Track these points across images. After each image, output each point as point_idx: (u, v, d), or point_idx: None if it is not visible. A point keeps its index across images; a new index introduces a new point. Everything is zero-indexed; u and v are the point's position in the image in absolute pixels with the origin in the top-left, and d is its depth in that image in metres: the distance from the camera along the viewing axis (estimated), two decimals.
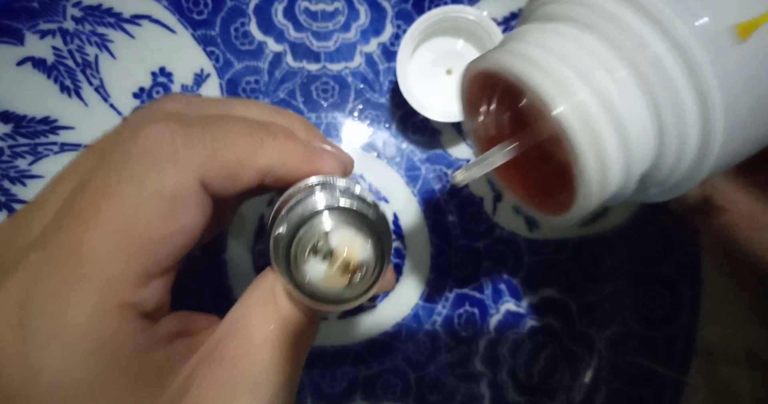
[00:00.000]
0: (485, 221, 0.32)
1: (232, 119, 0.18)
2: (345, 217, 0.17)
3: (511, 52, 0.14)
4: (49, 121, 0.29)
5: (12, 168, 0.29)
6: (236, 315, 0.18)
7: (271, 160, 0.17)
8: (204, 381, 0.16)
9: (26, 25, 0.28)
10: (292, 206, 0.17)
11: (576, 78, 0.13)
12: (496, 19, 0.31)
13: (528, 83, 0.13)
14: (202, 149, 0.16)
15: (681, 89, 0.13)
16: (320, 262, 0.16)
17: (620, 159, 0.14)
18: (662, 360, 0.30)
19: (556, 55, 0.14)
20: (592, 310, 0.31)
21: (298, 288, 0.17)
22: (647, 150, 0.14)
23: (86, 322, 0.14)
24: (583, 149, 0.13)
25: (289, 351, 0.18)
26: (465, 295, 0.32)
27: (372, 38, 0.32)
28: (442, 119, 0.29)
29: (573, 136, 0.13)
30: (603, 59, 0.13)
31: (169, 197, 0.15)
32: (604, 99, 0.13)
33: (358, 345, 0.31)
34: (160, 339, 0.16)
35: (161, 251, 0.15)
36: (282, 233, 0.17)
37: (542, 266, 0.32)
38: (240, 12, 0.31)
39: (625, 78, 0.13)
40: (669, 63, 0.13)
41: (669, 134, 0.14)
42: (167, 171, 0.15)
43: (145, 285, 0.15)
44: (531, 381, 0.31)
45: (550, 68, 0.13)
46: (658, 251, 0.31)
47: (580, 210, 0.15)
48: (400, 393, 0.31)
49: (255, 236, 0.31)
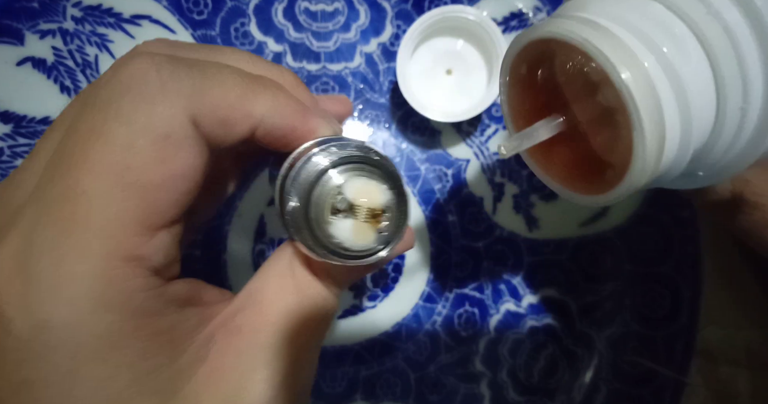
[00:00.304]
0: (485, 221, 0.32)
1: (222, 64, 0.17)
2: (352, 168, 0.16)
3: (575, 19, 0.14)
4: (49, 121, 0.29)
5: (12, 168, 0.29)
6: (254, 287, 0.18)
7: (264, 108, 0.16)
8: (221, 351, 0.16)
9: (26, 25, 0.28)
10: (295, 176, 0.16)
11: (642, 45, 0.13)
12: (496, 19, 0.31)
13: (593, 50, 0.13)
14: (190, 84, 0.15)
15: (750, 61, 0.13)
16: (344, 219, 0.16)
17: (679, 131, 0.13)
18: (662, 360, 0.30)
19: (621, 22, 0.13)
20: (592, 310, 0.31)
21: (330, 254, 0.16)
22: (707, 123, 0.14)
23: (90, 272, 0.14)
24: (645, 118, 0.13)
25: (308, 326, 0.18)
26: (465, 295, 0.32)
27: (372, 38, 0.32)
28: (442, 119, 0.29)
29: (636, 103, 0.13)
30: (669, 27, 0.13)
31: (162, 134, 0.14)
32: (669, 68, 0.13)
33: (358, 345, 0.31)
34: (170, 302, 0.16)
35: (161, 197, 0.15)
36: (294, 205, 0.16)
37: (542, 266, 0.32)
38: (240, 12, 0.31)
39: (691, 47, 0.13)
40: (740, 33, 0.13)
41: (731, 107, 0.14)
42: (155, 106, 0.14)
43: (150, 236, 0.15)
44: (531, 381, 0.31)
45: (616, 35, 0.13)
46: (658, 251, 0.31)
47: (630, 186, 0.14)
48: (400, 393, 0.31)
49: (255, 236, 0.31)
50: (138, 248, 0.14)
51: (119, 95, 0.14)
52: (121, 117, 0.14)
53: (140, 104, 0.14)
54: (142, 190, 0.14)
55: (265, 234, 0.31)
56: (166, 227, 0.15)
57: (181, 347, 0.16)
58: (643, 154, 0.13)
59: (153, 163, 0.14)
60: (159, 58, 0.15)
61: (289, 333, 0.17)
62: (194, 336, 0.16)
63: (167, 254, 0.15)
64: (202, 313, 0.17)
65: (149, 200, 0.14)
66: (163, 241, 0.15)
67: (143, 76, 0.14)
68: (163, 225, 0.15)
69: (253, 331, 0.17)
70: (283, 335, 0.17)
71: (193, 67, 0.15)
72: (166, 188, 0.15)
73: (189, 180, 0.15)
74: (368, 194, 0.16)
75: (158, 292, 0.15)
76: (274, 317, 0.17)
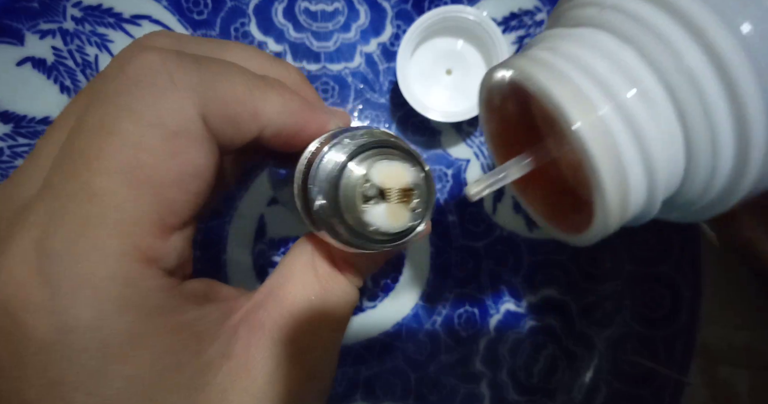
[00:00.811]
0: (485, 221, 0.32)
1: (228, 61, 0.17)
2: (371, 154, 0.16)
3: (532, 59, 0.13)
4: (49, 121, 0.29)
5: (12, 168, 0.29)
6: (275, 283, 0.18)
7: (272, 107, 0.16)
8: (246, 346, 0.16)
9: (26, 25, 0.28)
10: (315, 174, 0.16)
11: (598, 91, 0.12)
12: (496, 19, 0.31)
13: (546, 95, 0.12)
14: (198, 79, 0.15)
15: (716, 108, 0.12)
16: (376, 205, 0.16)
17: (643, 182, 0.12)
18: (662, 360, 0.30)
19: (579, 65, 0.12)
20: (592, 310, 0.31)
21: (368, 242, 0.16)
22: (674, 173, 0.13)
23: (109, 273, 0.14)
24: (602, 169, 0.12)
25: (331, 320, 0.18)
26: (465, 295, 0.32)
27: (372, 38, 0.32)
28: (442, 119, 0.29)
29: (591, 155, 0.12)
30: (630, 71, 0.12)
31: (172, 130, 0.14)
32: (628, 116, 0.12)
33: (358, 345, 0.31)
34: (188, 299, 0.15)
35: (173, 196, 0.14)
36: (322, 203, 0.16)
37: (542, 266, 0.32)
38: (240, 12, 0.31)
39: (653, 92, 0.12)
40: (704, 77, 0.11)
41: (699, 156, 0.12)
42: (165, 100, 0.14)
43: (164, 238, 0.15)
44: (531, 381, 0.31)
45: (571, 79, 0.12)
46: (658, 251, 0.31)
47: (598, 233, 0.13)
48: (400, 394, 0.31)
49: (255, 236, 0.31)
50: (153, 249, 0.14)
51: (128, 90, 0.14)
52: (131, 112, 0.14)
53: (150, 99, 0.14)
54: (154, 188, 0.14)
55: (265, 234, 0.31)
56: (179, 228, 0.15)
57: (205, 342, 0.15)
58: (603, 204, 0.12)
59: (164, 159, 0.14)
60: (166, 52, 0.15)
61: (312, 328, 0.17)
62: (217, 332, 0.16)
63: (181, 255, 0.15)
64: (222, 308, 0.17)
65: (162, 198, 0.14)
66: (177, 242, 0.15)
67: (152, 71, 0.14)
68: (177, 227, 0.15)
69: (278, 327, 0.17)
70: (306, 331, 0.17)
71: (200, 63, 0.15)
72: (178, 187, 0.15)
73: (200, 180, 0.15)
74: (395, 175, 0.15)
75: (176, 291, 0.15)
76: (298, 313, 0.17)
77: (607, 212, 0.12)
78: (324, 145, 0.16)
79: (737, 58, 0.11)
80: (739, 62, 0.11)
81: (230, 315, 0.17)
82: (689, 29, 0.11)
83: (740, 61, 0.11)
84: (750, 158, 0.12)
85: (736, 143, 0.12)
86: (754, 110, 0.11)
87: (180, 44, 0.17)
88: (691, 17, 0.11)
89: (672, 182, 0.13)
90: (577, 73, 0.12)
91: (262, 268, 0.31)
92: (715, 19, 0.11)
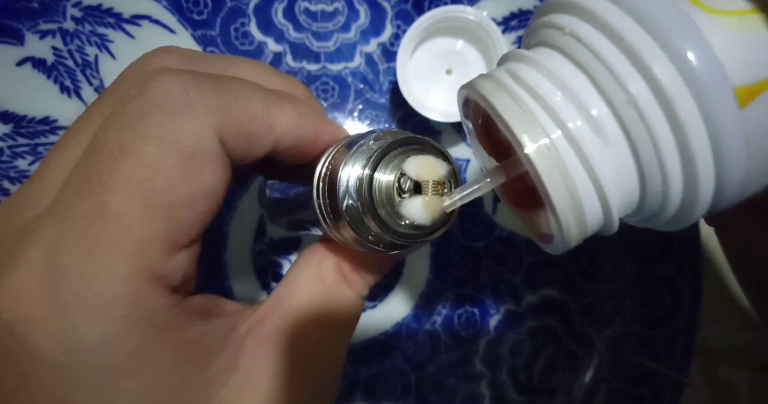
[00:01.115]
0: (485, 221, 0.32)
1: (242, 79, 0.17)
2: (402, 150, 0.16)
3: (494, 82, 0.14)
4: (49, 121, 0.29)
5: (12, 168, 0.29)
6: (282, 294, 0.18)
7: (287, 121, 0.17)
8: (253, 358, 0.16)
9: (26, 25, 0.28)
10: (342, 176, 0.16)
11: (549, 118, 0.13)
12: (496, 19, 0.31)
13: (501, 119, 0.13)
14: (215, 101, 0.15)
15: (661, 135, 0.12)
16: (411, 199, 0.16)
17: (595, 203, 0.13)
18: (662, 360, 0.30)
19: (534, 91, 0.13)
20: (592, 310, 0.31)
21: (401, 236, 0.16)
22: (630, 193, 0.13)
23: (117, 292, 0.14)
24: (552, 191, 0.12)
25: (338, 331, 0.18)
26: (465, 295, 0.32)
27: (372, 38, 0.32)
28: (442, 119, 0.29)
29: (541, 177, 0.12)
30: (581, 99, 0.13)
31: (189, 153, 0.14)
32: (576, 142, 0.12)
33: (358, 345, 0.31)
34: (192, 315, 0.16)
35: (184, 216, 0.15)
36: (351, 203, 0.16)
37: (542, 266, 0.32)
38: (240, 12, 0.31)
39: (602, 120, 0.12)
40: (647, 106, 0.12)
41: (651, 180, 0.13)
42: (184, 124, 0.14)
43: (172, 256, 0.15)
44: (531, 381, 0.31)
45: (525, 105, 0.13)
46: (658, 251, 0.31)
47: (560, 246, 0.14)
48: (400, 394, 0.31)
49: (255, 236, 0.31)
50: (160, 268, 0.15)
51: (147, 113, 0.14)
52: (149, 135, 0.14)
53: (168, 122, 0.14)
54: (167, 209, 0.14)
55: (265, 234, 0.31)
56: (186, 246, 0.15)
57: (211, 356, 0.16)
58: (560, 223, 0.13)
59: (179, 181, 0.14)
60: (184, 75, 0.15)
61: (319, 339, 0.17)
62: (224, 345, 0.16)
63: (186, 272, 0.16)
64: (228, 322, 0.17)
65: (174, 219, 0.15)
66: (183, 260, 0.15)
67: (172, 95, 0.15)
68: (185, 245, 0.15)
69: (284, 339, 0.17)
70: (313, 342, 0.17)
71: (216, 83, 0.16)
72: (190, 208, 0.15)
73: (211, 199, 0.15)
74: (430, 168, 0.16)
75: (180, 308, 0.15)
76: (304, 325, 0.17)
77: (563, 229, 0.13)
78: (346, 148, 0.17)
79: (677, 87, 0.12)
80: (679, 91, 0.12)
81: (235, 328, 0.17)
82: (633, 59, 0.12)
83: (680, 89, 0.12)
84: (699, 182, 0.12)
85: (684, 168, 0.12)
86: (697, 137, 0.12)
87: (191, 62, 0.17)
88: (633, 47, 0.12)
89: (630, 201, 0.14)
90: (532, 99, 0.13)
91: (262, 268, 0.31)
92: (656, 49, 0.12)
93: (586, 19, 0.13)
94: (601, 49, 0.12)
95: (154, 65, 0.17)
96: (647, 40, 0.12)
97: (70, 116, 0.29)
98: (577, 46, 0.13)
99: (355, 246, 0.17)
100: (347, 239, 0.17)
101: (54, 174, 0.16)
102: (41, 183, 0.16)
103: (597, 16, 0.12)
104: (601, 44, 0.12)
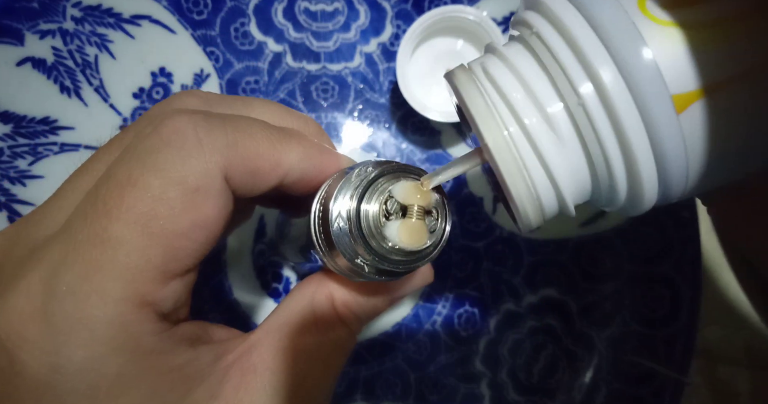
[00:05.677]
0: (485, 221, 0.32)
1: (252, 118, 0.18)
2: (391, 176, 0.17)
3: (468, 73, 0.15)
4: (49, 121, 0.29)
5: (12, 168, 0.29)
6: (272, 326, 0.18)
7: (293, 157, 0.17)
8: (236, 387, 0.16)
9: (26, 25, 0.28)
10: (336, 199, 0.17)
11: (510, 112, 0.14)
12: (496, 19, 0.31)
13: (468, 110, 0.14)
14: (224, 140, 0.16)
15: (604, 134, 0.13)
16: (394, 222, 0.16)
17: (549, 191, 0.14)
18: (662, 360, 0.30)
19: (500, 86, 0.14)
20: (592, 310, 0.31)
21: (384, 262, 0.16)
22: (581, 184, 0.15)
23: (106, 316, 0.14)
24: (508, 178, 0.14)
25: (325, 366, 0.18)
26: (465, 295, 0.32)
27: (372, 38, 0.32)
28: (442, 119, 0.29)
29: (498, 166, 0.14)
30: (541, 97, 0.14)
31: (192, 187, 0.15)
32: (532, 136, 0.14)
33: (358, 345, 0.31)
34: (180, 342, 0.16)
35: (181, 245, 0.15)
36: (342, 225, 0.16)
37: (542, 266, 0.32)
38: (240, 12, 0.31)
39: (557, 118, 0.14)
40: (593, 107, 0.13)
41: (599, 174, 0.14)
42: (191, 161, 0.15)
43: (165, 283, 0.15)
44: (531, 381, 0.31)
45: (489, 99, 0.14)
46: (658, 251, 0.31)
47: (524, 227, 0.15)
48: (400, 393, 0.31)
49: (255, 236, 0.31)
50: (152, 294, 0.15)
51: (158, 149, 0.15)
52: (157, 169, 0.15)
53: (176, 158, 0.15)
54: (166, 238, 0.15)
55: (265, 234, 0.31)
56: (180, 275, 0.16)
57: (194, 384, 0.16)
58: (517, 208, 0.14)
59: (180, 213, 0.15)
60: (197, 116, 0.16)
61: (306, 374, 0.17)
62: (208, 373, 0.16)
63: (177, 300, 0.16)
64: (216, 350, 0.17)
65: (171, 248, 0.15)
66: (175, 289, 0.16)
67: (181, 134, 0.15)
68: (179, 274, 0.16)
69: (270, 371, 0.17)
70: (299, 376, 0.17)
71: (226, 122, 0.16)
72: (187, 238, 0.15)
73: (209, 231, 0.16)
74: (414, 192, 0.16)
75: (167, 334, 0.16)
76: (292, 359, 0.17)
77: (521, 212, 0.14)
78: (338, 179, 0.17)
79: (620, 91, 0.13)
80: (622, 95, 0.13)
81: (223, 356, 0.17)
82: (584, 63, 0.13)
83: (623, 94, 0.13)
84: (641, 179, 0.13)
85: (626, 165, 0.14)
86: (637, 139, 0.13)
87: (209, 104, 0.18)
88: (585, 52, 0.13)
89: (583, 190, 0.15)
90: (497, 94, 0.14)
91: (262, 268, 0.31)
92: (605, 55, 0.13)
93: (550, 21, 0.14)
94: (559, 52, 0.13)
95: (174, 106, 0.18)
96: (598, 47, 0.13)
97: (69, 116, 0.29)
98: (541, 47, 0.14)
99: (351, 276, 0.18)
100: (342, 269, 0.17)
101: (69, 198, 0.16)
102: (56, 204, 0.17)
103: (559, 19, 0.13)
104: (559, 47, 0.13)
